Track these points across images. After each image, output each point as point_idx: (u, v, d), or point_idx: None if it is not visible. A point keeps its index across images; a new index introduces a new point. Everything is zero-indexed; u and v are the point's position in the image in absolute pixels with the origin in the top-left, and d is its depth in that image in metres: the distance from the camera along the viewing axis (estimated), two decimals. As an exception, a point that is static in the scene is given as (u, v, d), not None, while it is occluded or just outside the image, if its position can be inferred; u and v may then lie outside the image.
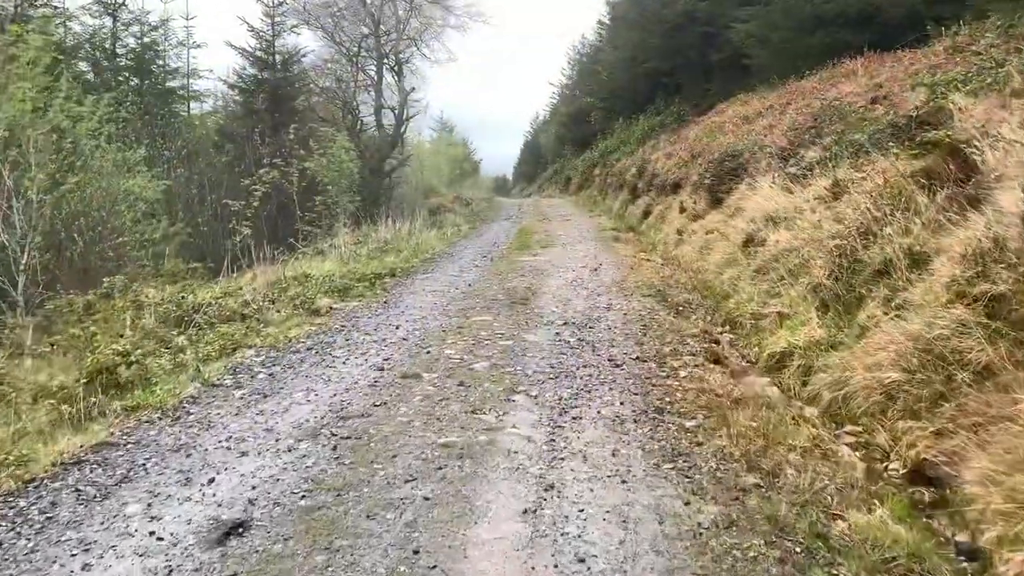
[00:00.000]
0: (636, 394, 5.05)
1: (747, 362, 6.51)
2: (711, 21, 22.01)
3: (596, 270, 10.45)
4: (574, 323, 7.20)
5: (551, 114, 53.46)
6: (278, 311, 7.77)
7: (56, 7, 17.26)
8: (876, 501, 3.49)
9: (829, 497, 3.49)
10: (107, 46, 19.10)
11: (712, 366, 6.05)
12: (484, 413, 4.66)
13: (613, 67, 31.50)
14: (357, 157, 21.29)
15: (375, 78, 24.11)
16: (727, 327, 7.68)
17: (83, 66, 18.26)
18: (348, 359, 6.06)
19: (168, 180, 15.54)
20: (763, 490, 3.53)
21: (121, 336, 6.13)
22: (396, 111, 23.55)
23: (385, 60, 24.04)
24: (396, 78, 23.87)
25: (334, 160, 18.84)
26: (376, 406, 4.87)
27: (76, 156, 10.35)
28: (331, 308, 8.16)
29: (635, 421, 4.49)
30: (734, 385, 5.39)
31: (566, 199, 30.71)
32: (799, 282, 7.18)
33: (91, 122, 13.96)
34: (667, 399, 4.94)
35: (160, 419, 4.78)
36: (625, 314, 7.57)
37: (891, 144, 7.48)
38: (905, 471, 3.89)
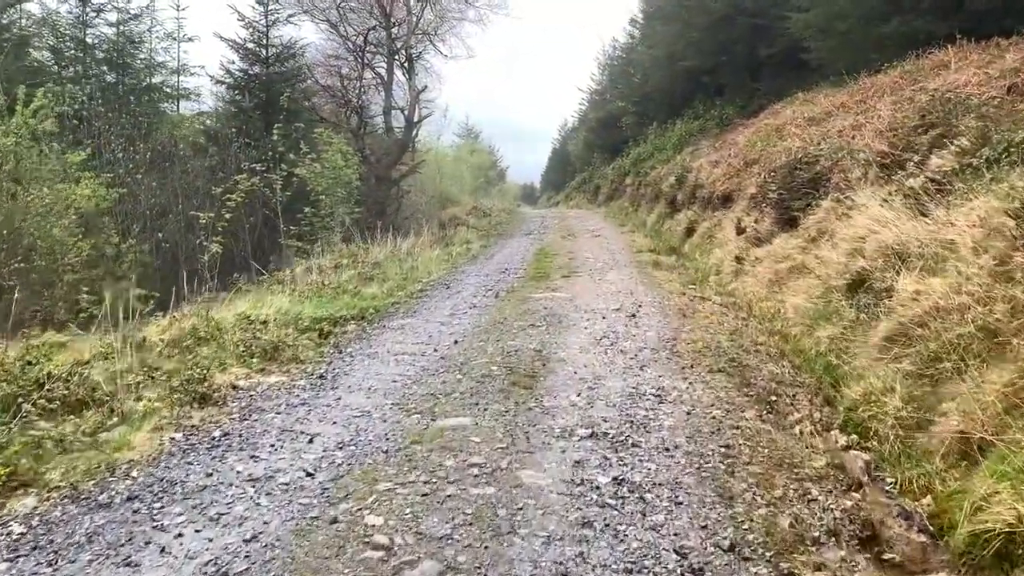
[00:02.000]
0: None
1: (921, 532, 3.50)
2: (761, 12, 18.90)
3: (635, 316, 7.45)
4: (607, 435, 4.21)
5: (580, 120, 50.29)
6: (142, 398, 4.88)
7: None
8: None
9: None
10: (73, 34, 16.44)
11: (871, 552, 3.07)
12: None
13: (647, 68, 28.36)
14: (361, 162, 18.47)
15: (384, 76, 21.26)
16: (850, 433, 4.66)
17: (44, 55, 15.66)
18: (170, 548, 3.10)
19: (122, 188, 12.79)
20: None
21: None
22: (406, 112, 20.65)
23: (396, 56, 21.19)
24: (407, 76, 20.99)
25: (329, 166, 16.02)
26: None
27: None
28: (233, 389, 5.25)
29: None
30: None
31: (594, 210, 27.64)
32: (988, 375, 4.15)
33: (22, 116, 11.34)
34: None
35: None
36: (688, 414, 4.56)
37: None
38: None
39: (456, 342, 6.50)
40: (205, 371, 5.27)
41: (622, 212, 23.00)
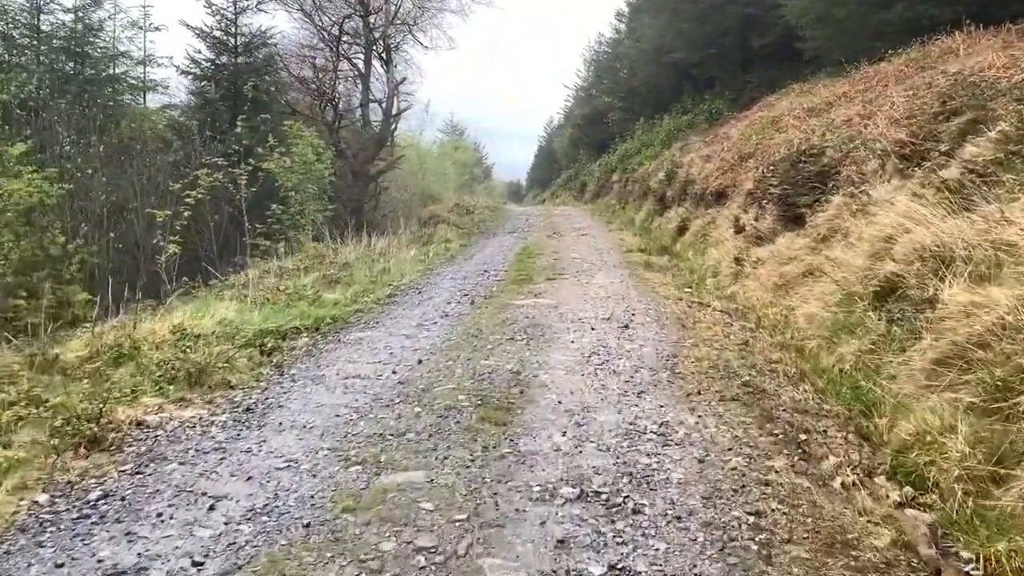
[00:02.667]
0: None
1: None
2: (754, 1, 17.99)
3: (628, 327, 6.44)
4: (599, 496, 3.21)
5: (565, 117, 49.16)
6: (11, 444, 3.81)
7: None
8: None
9: None
10: (24, 20, 15.23)
11: None
12: None
13: (633, 61, 27.36)
14: (335, 157, 17.37)
15: (361, 68, 20.11)
16: (901, 483, 3.67)
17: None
18: None
19: (68, 184, 11.64)
20: None
21: None
22: (384, 105, 19.52)
23: (374, 47, 20.04)
24: (385, 67, 19.83)
25: (300, 160, 14.92)
26: None
27: None
28: (137, 427, 4.19)
29: None
30: None
31: (581, 207, 26.62)
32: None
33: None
34: None
35: None
36: (702, 462, 3.56)
37: None
38: None
39: (420, 361, 5.46)
40: (103, 404, 4.21)
41: (609, 209, 22.01)
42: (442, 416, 4.22)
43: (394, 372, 5.20)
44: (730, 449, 3.73)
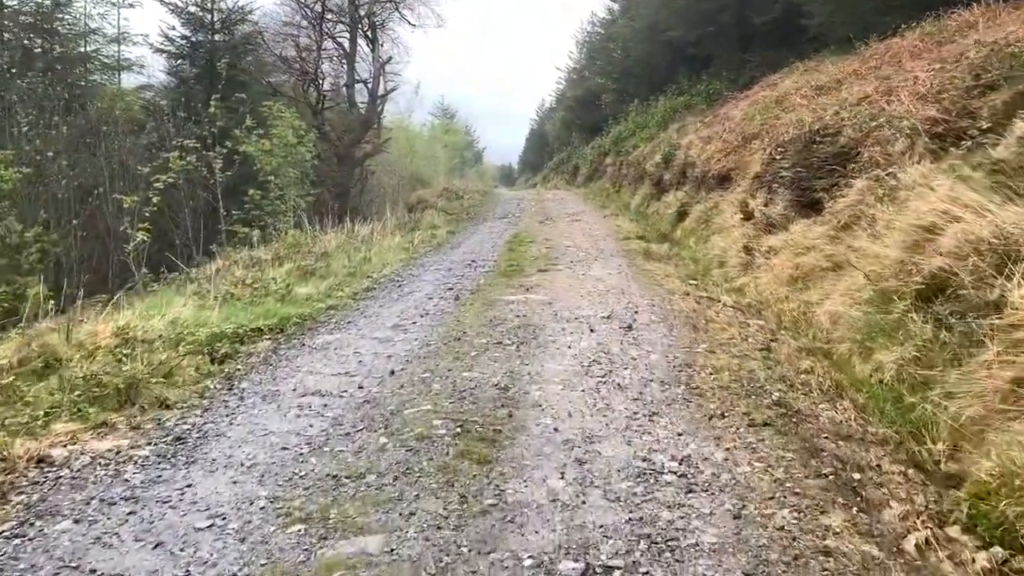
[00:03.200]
0: None
1: None
2: (753, -24, 17.11)
3: (631, 328, 5.64)
4: (609, 572, 2.42)
5: (557, 100, 48.02)
6: None
7: None
8: None
9: None
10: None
11: None
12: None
13: (627, 41, 26.36)
14: (318, 139, 16.45)
15: (346, 47, 19.10)
16: (988, 540, 2.90)
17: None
18: None
19: (26, 168, 10.72)
20: None
21: None
22: (370, 85, 18.56)
23: (359, 25, 19.04)
24: (371, 46, 18.85)
25: (280, 143, 14.01)
26: None
27: None
28: (38, 465, 3.36)
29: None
30: None
31: (574, 191, 25.72)
32: None
33: None
34: None
35: None
36: (738, 518, 2.76)
37: None
38: None
39: (392, 373, 4.64)
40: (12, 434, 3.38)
41: (603, 193, 21.15)
42: (412, 450, 3.41)
43: (360, 387, 4.38)
44: (772, 498, 2.94)
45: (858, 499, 3.04)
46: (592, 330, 5.59)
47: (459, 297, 7.04)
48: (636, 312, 6.19)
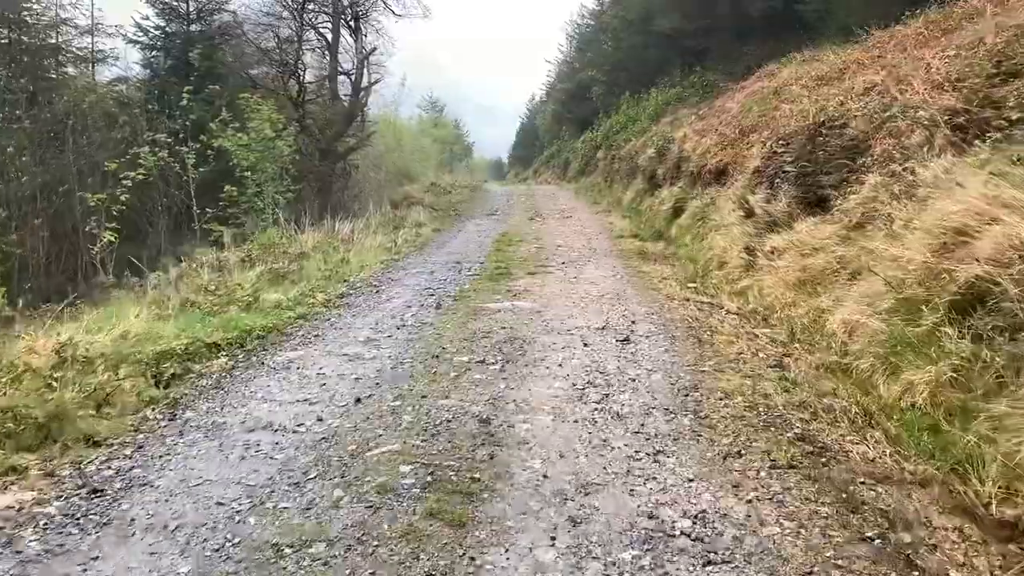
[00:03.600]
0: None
1: None
2: (749, -36, 16.55)
3: (628, 340, 5.07)
4: None
5: (547, 93, 47.35)
6: None
7: None
8: None
9: None
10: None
11: None
12: None
13: (618, 32, 25.78)
14: (300, 133, 15.79)
15: (329, 38, 18.41)
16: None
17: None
18: None
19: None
20: None
21: None
22: (353, 77, 17.89)
23: (342, 15, 18.35)
24: (354, 37, 18.17)
25: (257, 137, 13.35)
26: None
27: None
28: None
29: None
30: None
31: (564, 186, 25.14)
32: None
33: None
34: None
35: None
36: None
37: None
38: None
39: (358, 401, 4.04)
40: None
41: (595, 189, 20.57)
42: (372, 507, 2.82)
43: (319, 419, 3.78)
44: (810, 574, 2.36)
45: (914, 572, 2.47)
46: (586, 344, 5.01)
47: (440, 305, 6.45)
48: (633, 322, 5.62)
